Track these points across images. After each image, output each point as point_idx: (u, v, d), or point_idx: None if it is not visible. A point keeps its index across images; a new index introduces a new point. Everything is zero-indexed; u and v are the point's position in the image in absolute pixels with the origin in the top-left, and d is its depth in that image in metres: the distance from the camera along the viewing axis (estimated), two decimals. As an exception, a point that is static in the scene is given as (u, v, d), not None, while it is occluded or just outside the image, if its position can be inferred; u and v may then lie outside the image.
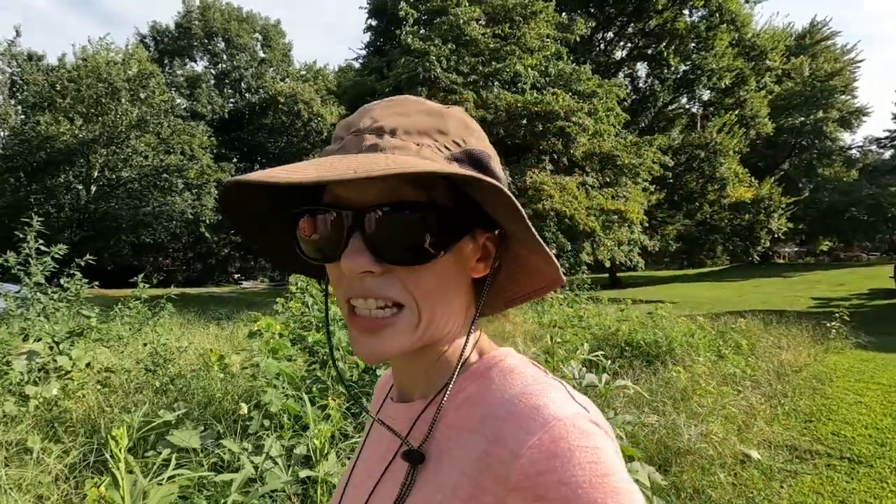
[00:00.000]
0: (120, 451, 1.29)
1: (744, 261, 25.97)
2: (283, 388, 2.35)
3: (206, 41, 36.81)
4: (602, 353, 3.62)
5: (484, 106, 11.92)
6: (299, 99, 33.79)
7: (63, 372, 3.91)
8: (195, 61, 37.28)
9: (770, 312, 8.95)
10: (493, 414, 0.43)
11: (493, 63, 12.27)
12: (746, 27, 21.37)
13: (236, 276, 35.91)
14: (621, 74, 23.97)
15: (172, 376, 4.49)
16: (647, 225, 15.66)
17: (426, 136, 0.45)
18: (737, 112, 21.39)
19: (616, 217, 12.56)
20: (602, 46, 23.26)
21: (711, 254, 24.58)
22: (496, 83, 12.38)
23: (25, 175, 23.77)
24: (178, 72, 35.66)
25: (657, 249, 17.45)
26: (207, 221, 28.61)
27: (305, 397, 2.15)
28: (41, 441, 2.35)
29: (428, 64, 11.46)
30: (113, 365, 4.30)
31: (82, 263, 4.08)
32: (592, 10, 20.93)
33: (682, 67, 22.37)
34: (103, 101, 24.53)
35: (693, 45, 20.95)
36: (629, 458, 2.26)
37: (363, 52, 18.68)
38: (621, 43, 24.33)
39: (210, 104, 34.80)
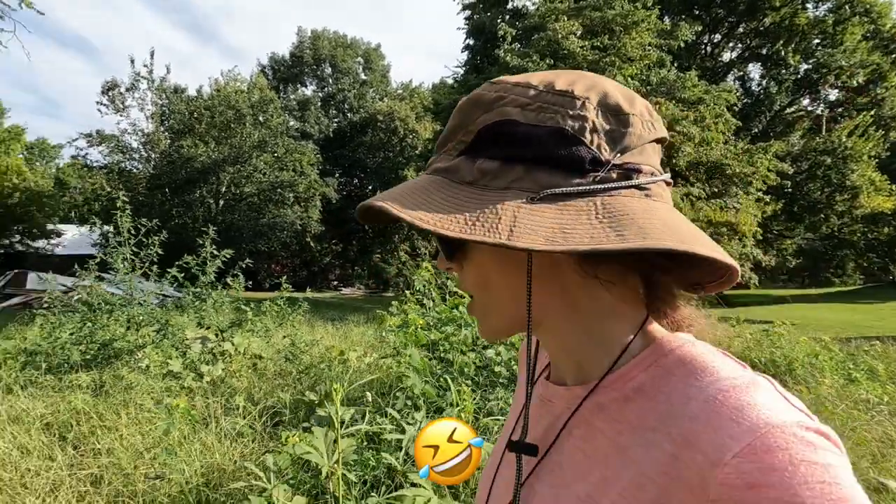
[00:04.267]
0: (337, 401, 1.70)
1: (882, 280, 22.74)
2: (424, 376, 2.73)
3: (315, 67, 40.31)
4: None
5: (581, 118, 11.81)
6: (396, 116, 35.70)
7: (226, 355, 4.71)
8: (305, 86, 40.96)
9: (916, 338, 7.89)
10: (678, 412, 0.37)
11: (592, 75, 12.18)
12: (884, 18, 19.00)
13: (335, 282, 38.38)
14: (730, 77, 22.40)
15: (307, 365, 5.17)
16: (760, 238, 14.44)
17: (448, 143, 0.46)
18: (872, 112, 19.00)
19: (725, 230, 11.78)
20: (708, 50, 21.96)
21: (840, 271, 21.88)
22: (594, 95, 12.27)
23: (170, 191, 27.68)
24: (292, 96, 39.40)
25: (773, 265, 15.96)
26: (312, 232, 31.18)
27: (450, 381, 2.51)
28: (241, 398, 2.93)
29: (526, 80, 11.67)
30: (262, 352, 5.06)
31: (243, 266, 4.89)
32: (698, 13, 19.90)
33: (804, 66, 20.40)
34: (231, 125, 27.97)
35: (817, 41, 19.06)
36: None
37: (459, 70, 19.47)
38: (730, 44, 22.77)
39: (317, 124, 37.99)
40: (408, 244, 35.38)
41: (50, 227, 32.90)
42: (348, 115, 40.35)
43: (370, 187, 37.98)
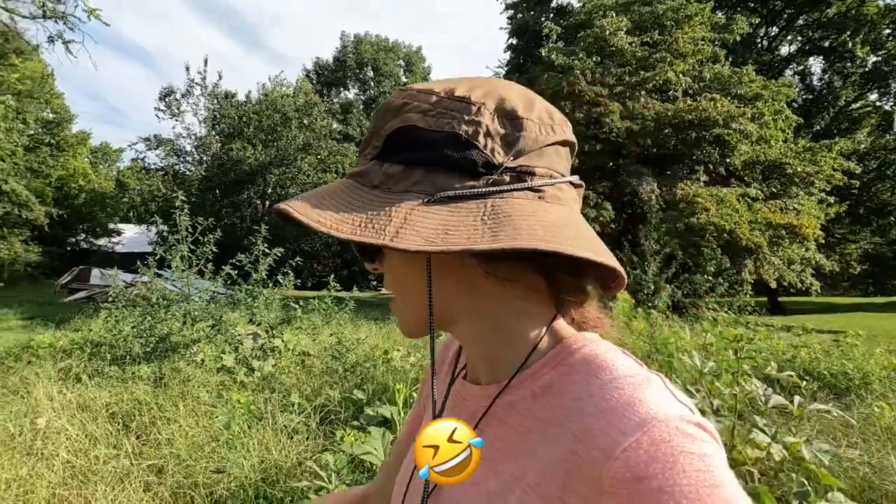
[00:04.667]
0: (399, 401, 1.67)
1: (960, 289, 20.96)
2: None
3: (357, 71, 41.06)
4: (789, 373, 3.34)
5: (630, 117, 11.50)
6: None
7: (276, 352, 4.81)
8: (348, 90, 41.78)
9: None
10: (579, 408, 0.39)
11: (641, 72, 11.80)
12: (966, 4, 17.47)
13: (374, 283, 38.88)
14: (788, 72, 21.18)
15: (353, 364, 5.21)
16: (822, 242, 13.55)
17: (366, 148, 0.48)
18: (951, 107, 17.50)
19: (785, 233, 11.07)
20: (764, 44, 20.85)
21: (912, 279, 20.32)
22: (643, 92, 11.88)
23: (220, 192, 28.86)
24: (335, 100, 40.29)
25: (837, 271, 14.94)
26: (354, 232, 31.68)
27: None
28: (296, 395, 2.95)
29: (572, 79, 11.46)
30: (310, 349, 5.15)
31: (294, 265, 4.99)
32: (753, 5, 18.93)
33: (872, 59, 19.03)
34: (278, 128, 28.90)
35: (888, 31, 17.73)
36: (828, 489, 2.10)
37: (501, 71, 19.31)
38: (788, 38, 21.55)
39: (359, 127, 38.69)
40: (447, 245, 35.37)
41: (111, 226, 35.03)
42: (389, 117, 40.57)
43: (410, 189, 38.20)
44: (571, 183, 0.46)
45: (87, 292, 16.14)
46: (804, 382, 4.98)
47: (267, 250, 4.88)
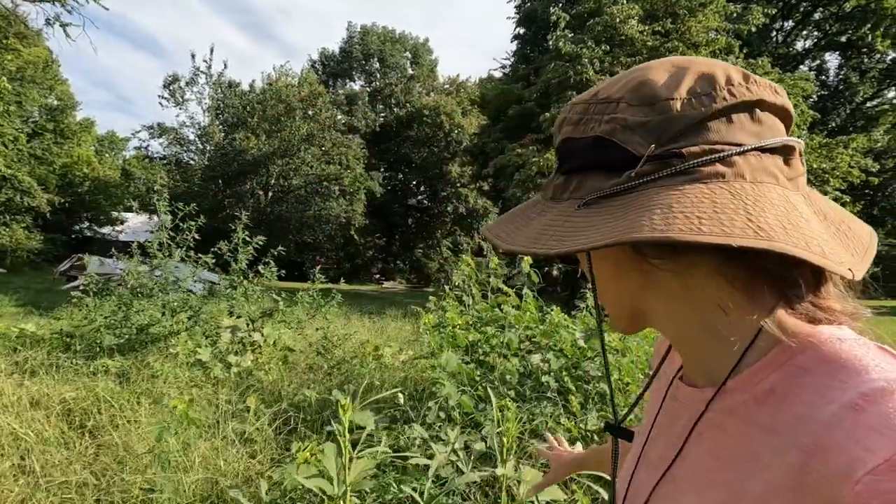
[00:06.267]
0: (345, 419, 1.37)
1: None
2: (461, 382, 2.36)
3: (363, 62, 40.64)
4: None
5: (639, 108, 11.04)
6: (442, 111, 35.43)
7: (256, 346, 4.52)
8: (354, 81, 41.39)
9: None
10: (812, 415, 0.33)
11: (652, 62, 11.34)
12: None
13: (377, 276, 38.73)
14: (803, 68, 20.62)
15: (338, 360, 4.91)
16: (836, 243, 13.07)
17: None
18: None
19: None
20: (779, 38, 20.28)
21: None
22: (654, 83, 11.41)
23: (223, 182, 28.64)
24: (340, 91, 39.90)
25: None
26: (356, 225, 31.49)
27: (491, 394, 2.12)
28: (255, 403, 2.67)
29: (580, 67, 11.06)
30: (294, 344, 4.86)
31: (276, 254, 4.69)
32: (769, -3, 18.37)
33: (891, 54, 18.45)
34: (282, 119, 28.61)
35: (909, 25, 17.13)
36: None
37: (507, 62, 18.90)
38: (804, 32, 20.96)
39: (364, 119, 38.28)
40: (450, 239, 35.14)
41: (115, 214, 34.92)
42: (395, 109, 40.38)
43: (414, 182, 37.94)
44: (761, 149, 0.38)
45: (83, 280, 15.98)
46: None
47: (248, 238, 4.58)
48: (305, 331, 5.05)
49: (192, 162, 30.48)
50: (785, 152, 0.39)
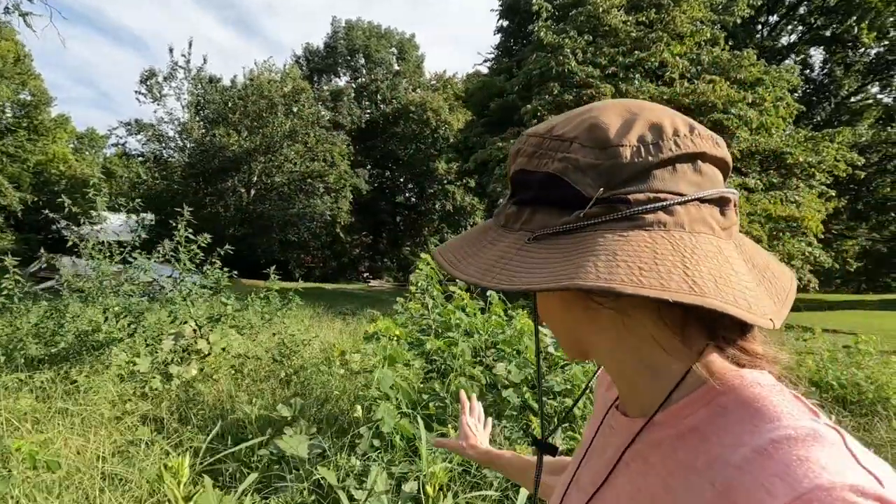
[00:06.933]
0: (179, 487, 1.01)
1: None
2: (397, 400, 2.00)
3: (348, 58, 40.00)
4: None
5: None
6: (428, 108, 35.00)
7: (202, 355, 4.12)
8: (339, 77, 40.75)
9: None
10: (724, 458, 0.35)
11: (636, 52, 11.06)
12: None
13: (365, 274, 38.27)
14: (788, 62, 20.54)
15: (296, 368, 4.53)
16: (821, 237, 12.98)
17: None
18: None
19: (786, 225, 10.45)
20: (764, 32, 20.16)
21: (910, 276, 19.94)
22: (637, 75, 11.15)
23: (203, 180, 27.93)
24: (325, 87, 39.25)
25: (838, 267, 14.40)
26: (342, 223, 30.97)
27: (421, 425, 1.76)
28: (148, 434, 2.28)
29: (562, 58, 10.72)
30: (248, 351, 4.46)
31: (221, 253, 4.28)
32: (755, -11, 18.20)
33: (874, 49, 18.40)
34: (264, 115, 27.95)
35: (893, 19, 17.08)
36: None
37: (492, 56, 18.53)
38: (788, 27, 20.89)
39: (350, 115, 37.66)
40: (438, 237, 34.77)
41: (94, 213, 33.98)
42: (381, 105, 39.82)
43: (401, 179, 37.48)
44: (700, 200, 0.40)
45: (55, 282, 15.40)
46: (812, 396, 4.38)
47: (191, 236, 4.16)
48: (260, 336, 4.65)
49: (171, 159, 29.69)
50: (721, 203, 0.41)
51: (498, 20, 17.47)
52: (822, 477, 0.29)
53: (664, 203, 0.39)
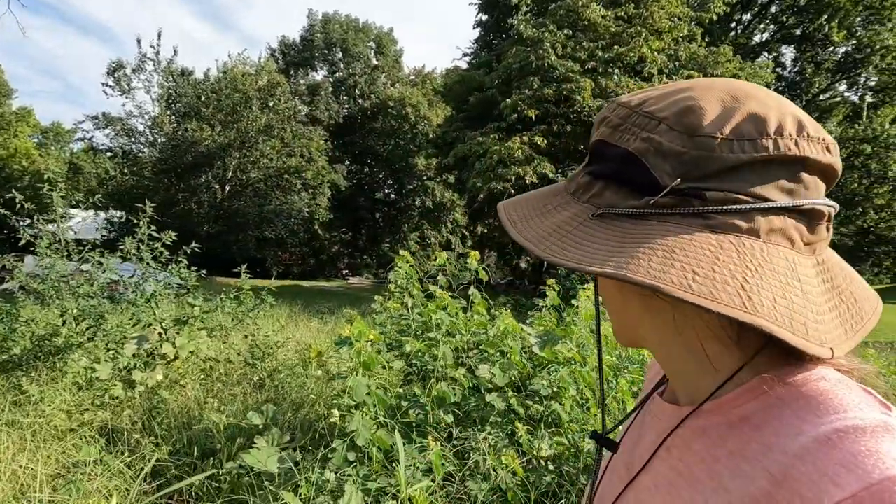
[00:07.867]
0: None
1: (920, 279, 21.42)
2: (374, 408, 1.85)
3: (326, 52, 39.31)
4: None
5: (602, 95, 10.79)
6: (407, 103, 34.67)
7: (168, 359, 3.89)
8: (316, 71, 40.01)
9: None
10: (783, 446, 0.33)
11: (615, 48, 11.07)
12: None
13: (344, 271, 37.82)
14: (762, 59, 20.97)
15: (270, 371, 4.33)
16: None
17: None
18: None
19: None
20: (738, 30, 20.51)
21: (876, 269, 20.61)
22: (617, 70, 11.17)
23: (175, 176, 27.06)
24: (301, 81, 38.49)
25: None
26: (321, 219, 30.49)
27: (399, 438, 1.62)
28: (139, 433, 2.08)
29: (542, 52, 10.65)
30: (218, 354, 4.24)
31: (188, 251, 4.05)
32: (729, -13, 18.47)
33: (842, 49, 18.90)
34: (238, 109, 27.21)
35: (860, 19, 17.55)
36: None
37: (471, 50, 18.38)
38: (761, 26, 21.31)
39: (327, 110, 37.01)
40: (417, 234, 34.55)
41: (60, 210, 32.67)
42: (359, 100, 39.25)
43: (380, 175, 37.09)
44: (785, 209, 0.37)
45: (17, 282, 14.71)
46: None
47: (154, 233, 3.91)
48: (231, 338, 4.43)
49: (141, 154, 28.69)
50: (812, 216, 0.38)
51: (477, 14, 17.35)
52: (894, 468, 0.28)
53: (742, 206, 0.36)
